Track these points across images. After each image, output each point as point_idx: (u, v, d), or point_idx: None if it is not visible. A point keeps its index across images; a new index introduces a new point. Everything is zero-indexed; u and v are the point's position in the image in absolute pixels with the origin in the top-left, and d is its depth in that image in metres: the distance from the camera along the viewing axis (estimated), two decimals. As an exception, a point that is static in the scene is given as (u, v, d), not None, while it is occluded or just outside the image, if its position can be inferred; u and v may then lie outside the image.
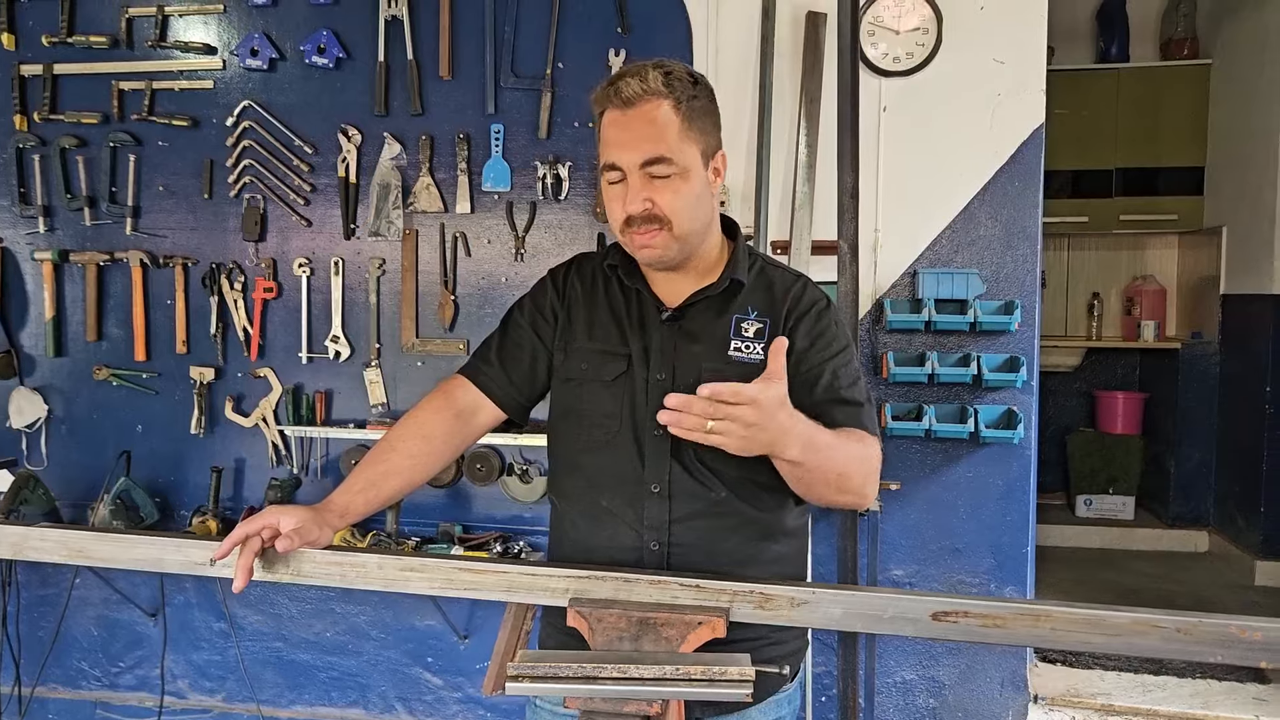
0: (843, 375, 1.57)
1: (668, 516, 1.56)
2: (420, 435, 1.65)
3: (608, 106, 1.52)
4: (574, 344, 1.65)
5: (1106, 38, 5.40)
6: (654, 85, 1.49)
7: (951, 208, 2.94)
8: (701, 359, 1.57)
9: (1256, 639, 1.22)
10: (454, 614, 3.27)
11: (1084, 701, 3.07)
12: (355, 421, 3.32)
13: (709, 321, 1.60)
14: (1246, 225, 4.73)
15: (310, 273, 3.32)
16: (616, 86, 1.50)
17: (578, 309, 1.68)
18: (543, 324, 1.70)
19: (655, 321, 1.61)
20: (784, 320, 1.59)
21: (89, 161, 3.42)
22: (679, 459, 1.56)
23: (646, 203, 1.49)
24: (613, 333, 1.63)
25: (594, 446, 1.61)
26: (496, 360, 1.71)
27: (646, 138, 1.48)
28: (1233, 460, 4.93)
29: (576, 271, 1.72)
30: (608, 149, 1.52)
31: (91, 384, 3.47)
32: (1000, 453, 2.94)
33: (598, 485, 1.60)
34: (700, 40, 3.03)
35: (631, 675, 1.29)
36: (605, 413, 1.60)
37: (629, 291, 1.65)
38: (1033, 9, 2.88)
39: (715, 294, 1.60)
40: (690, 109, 1.51)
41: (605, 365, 1.61)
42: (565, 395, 1.66)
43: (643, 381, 1.58)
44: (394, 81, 3.22)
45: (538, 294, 1.74)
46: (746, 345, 1.58)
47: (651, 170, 1.49)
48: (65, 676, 3.57)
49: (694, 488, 1.56)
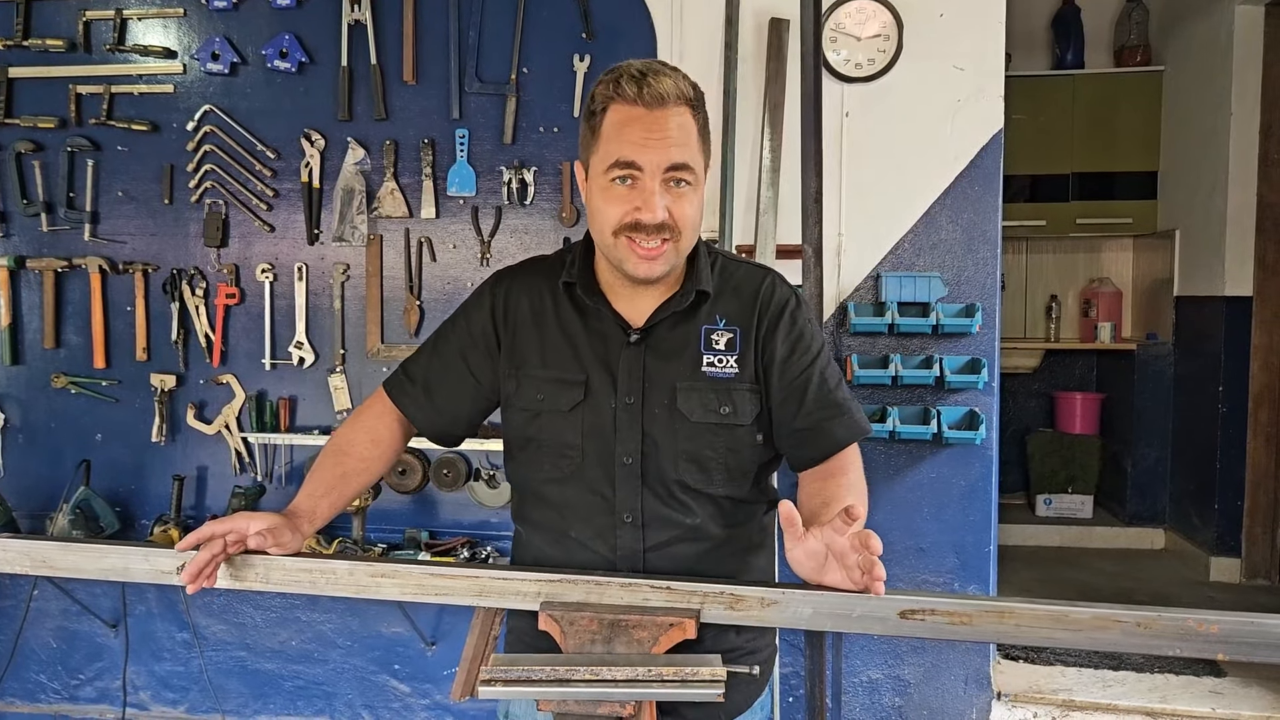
0: (829, 376, 1.54)
1: (641, 546, 1.50)
2: (369, 439, 1.63)
3: (622, 101, 1.39)
4: (525, 371, 1.55)
5: (1062, 45, 5.49)
6: (685, 90, 1.41)
7: (913, 212, 2.98)
8: (672, 377, 1.49)
9: (1214, 632, 1.25)
10: (421, 620, 3.26)
11: (1046, 698, 3.12)
12: (320, 428, 3.30)
13: (677, 337, 1.52)
14: (1198, 229, 4.83)
15: (273, 278, 3.29)
16: (644, 82, 1.38)
17: (525, 331, 1.56)
18: (474, 352, 1.60)
19: (619, 342, 1.51)
20: (756, 327, 1.52)
21: (46, 166, 3.37)
22: (650, 486, 1.49)
23: (665, 212, 1.40)
24: (567, 357, 1.53)
25: (558, 478, 1.53)
26: (420, 381, 1.64)
27: (676, 143, 1.39)
28: (1187, 459, 5.03)
29: (522, 287, 1.59)
30: (625, 146, 1.39)
31: (49, 392, 3.42)
32: (962, 453, 2.98)
33: (565, 516, 1.53)
34: (664, 46, 3.04)
35: (604, 677, 1.30)
36: (566, 443, 1.51)
37: (585, 310, 1.54)
38: (991, 16, 2.93)
39: (681, 308, 1.51)
40: (703, 120, 1.45)
41: (562, 394, 1.51)
42: (522, 425, 1.55)
43: (608, 408, 1.50)
44: (357, 86, 3.21)
45: (472, 314, 1.62)
46: (719, 359, 1.50)
47: (674, 176, 1.40)
48: (24, 690, 3.51)
49: (667, 514, 1.50)
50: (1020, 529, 5.33)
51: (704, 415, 1.49)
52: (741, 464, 1.52)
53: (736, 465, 1.52)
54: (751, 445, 1.53)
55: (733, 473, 1.52)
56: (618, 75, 1.41)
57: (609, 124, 1.41)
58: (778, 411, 1.53)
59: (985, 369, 2.87)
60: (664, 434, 1.49)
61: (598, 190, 1.45)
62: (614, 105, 1.40)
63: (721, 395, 1.50)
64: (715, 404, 1.49)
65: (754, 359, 1.52)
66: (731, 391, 1.50)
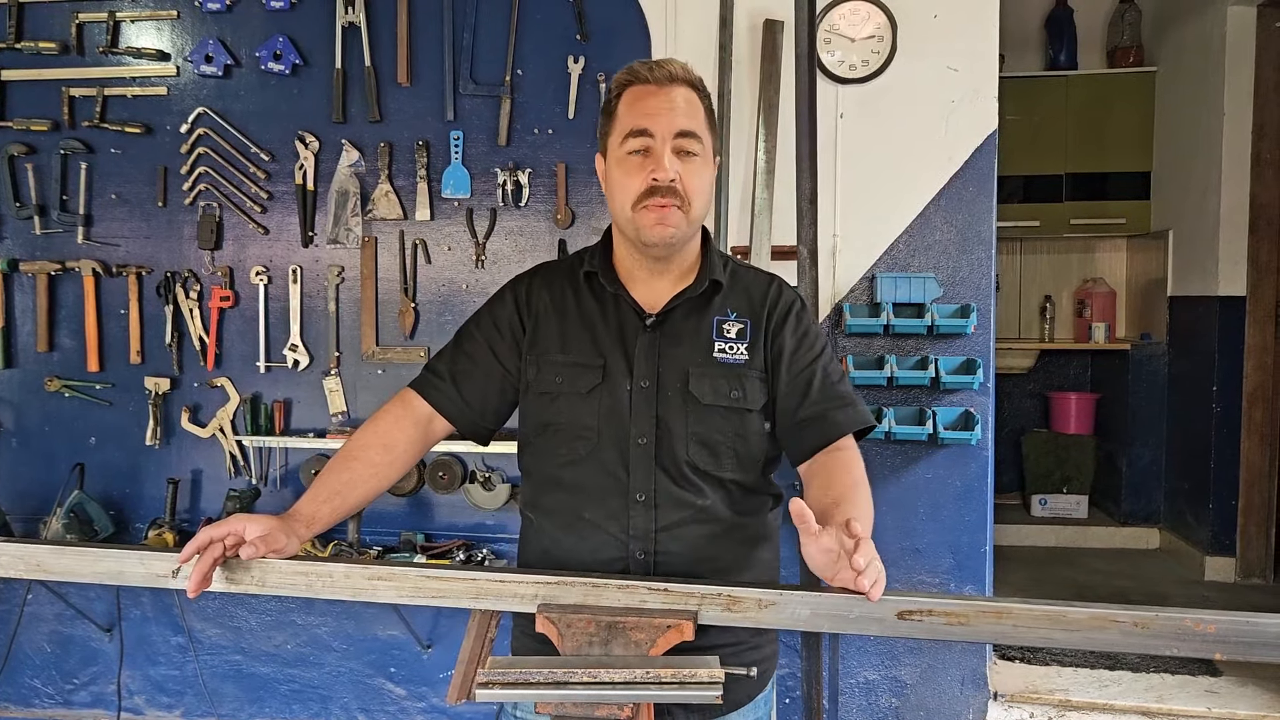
0: (832, 372, 1.62)
1: (654, 525, 1.55)
2: (381, 444, 1.63)
3: (636, 83, 1.55)
4: (546, 358, 1.62)
5: (1055, 45, 5.50)
6: (692, 76, 1.56)
7: (908, 213, 2.98)
8: (685, 362, 1.57)
9: (1211, 631, 1.25)
10: (417, 623, 3.25)
11: (1042, 697, 3.13)
12: (315, 431, 3.29)
13: (690, 324, 1.60)
14: (1192, 228, 4.84)
15: (268, 281, 3.29)
16: (655, 65, 1.55)
17: (547, 321, 1.64)
18: (500, 342, 1.66)
19: (636, 328, 1.59)
20: (765, 321, 1.61)
21: (39, 169, 3.36)
22: (664, 467, 1.55)
23: (676, 174, 1.51)
24: (586, 343, 1.60)
25: (575, 460, 1.58)
26: (449, 375, 1.67)
27: (684, 112, 1.52)
28: (1182, 459, 5.04)
29: (543, 282, 1.68)
30: (637, 117, 1.52)
31: (43, 395, 3.41)
32: (958, 454, 2.98)
33: (579, 498, 1.58)
34: (659, 48, 3.04)
35: (602, 679, 1.29)
36: (584, 425, 1.57)
37: (605, 298, 1.62)
38: (985, 17, 2.93)
39: (695, 295, 1.60)
40: (709, 106, 1.58)
41: (580, 377, 1.58)
42: (541, 410, 1.62)
43: (624, 390, 1.57)
44: (352, 88, 3.20)
45: (496, 309, 1.69)
46: (730, 346, 1.59)
47: (682, 144, 1.51)
48: (17, 695, 3.49)
49: (680, 495, 1.55)
50: (1015, 529, 5.34)
51: (715, 399, 1.56)
52: (750, 450, 1.59)
53: (745, 451, 1.58)
54: (759, 433, 1.60)
55: (741, 458, 1.58)
56: (630, 65, 1.57)
57: (624, 104, 1.55)
58: (783, 402, 1.60)
59: (980, 369, 2.87)
60: (676, 416, 1.56)
61: (615, 165, 1.56)
62: (629, 88, 1.55)
63: (732, 380, 1.58)
64: (726, 388, 1.57)
65: (764, 349, 1.61)
66: (742, 377, 1.58)
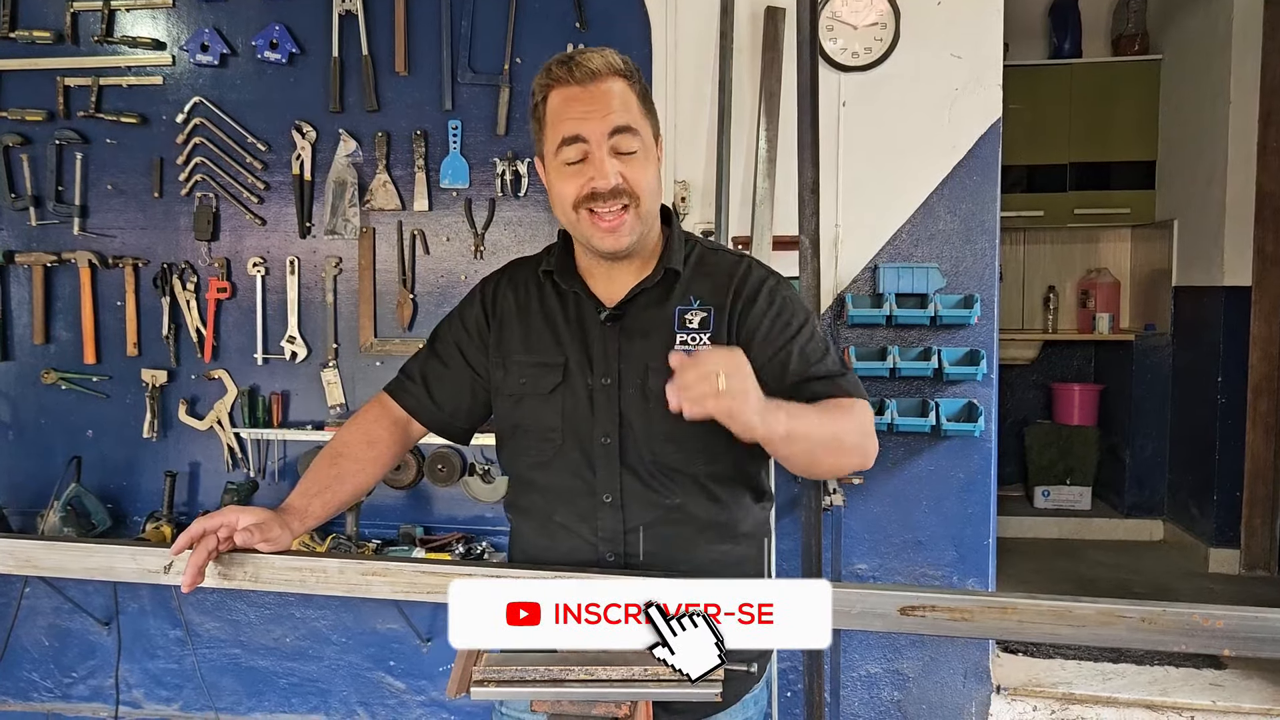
0: (810, 352, 1.51)
1: (622, 526, 1.51)
2: (366, 441, 1.65)
3: (557, 85, 1.46)
4: (511, 359, 1.59)
5: (1059, 34, 5.45)
6: (615, 62, 1.46)
7: (911, 202, 2.95)
8: (646, 356, 1.51)
9: (1219, 627, 1.23)
10: (417, 617, 3.23)
11: (1045, 691, 3.11)
12: (313, 423, 3.27)
13: (651, 316, 1.54)
14: (1196, 218, 4.81)
15: (265, 272, 3.26)
16: (572, 64, 1.45)
17: (511, 322, 1.61)
18: (469, 345, 1.65)
19: (595, 323, 1.55)
20: (730, 305, 1.53)
21: (34, 160, 3.33)
22: (629, 466, 1.51)
23: (618, 176, 1.44)
24: (548, 342, 1.57)
25: (543, 461, 1.56)
26: (420, 378, 1.69)
27: (613, 109, 1.44)
28: (1186, 450, 5.01)
29: (509, 282, 1.65)
30: (566, 123, 1.44)
31: (39, 388, 3.39)
32: (961, 445, 2.96)
33: (550, 500, 1.56)
34: (659, 36, 3.02)
35: (599, 677, 1.27)
36: (548, 426, 1.55)
37: (565, 295, 1.58)
38: (989, 5, 2.90)
39: (653, 286, 1.54)
40: (642, 89, 1.50)
41: (543, 378, 1.55)
42: (509, 412, 1.60)
43: (584, 389, 1.53)
44: (349, 77, 3.18)
45: (465, 310, 1.69)
46: (692, 336, 1.51)
47: (618, 143, 1.44)
48: (15, 688, 3.48)
49: (647, 495, 1.51)
50: (1018, 521, 5.31)
51: None
52: (720, 442, 1.44)
53: (716, 444, 1.47)
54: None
55: (713, 451, 1.50)
56: (548, 65, 1.48)
57: (550, 109, 1.47)
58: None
59: (984, 360, 2.84)
60: (638, 414, 1.51)
61: (553, 173, 1.50)
62: (551, 91, 1.47)
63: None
64: None
65: (728, 337, 1.52)
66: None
